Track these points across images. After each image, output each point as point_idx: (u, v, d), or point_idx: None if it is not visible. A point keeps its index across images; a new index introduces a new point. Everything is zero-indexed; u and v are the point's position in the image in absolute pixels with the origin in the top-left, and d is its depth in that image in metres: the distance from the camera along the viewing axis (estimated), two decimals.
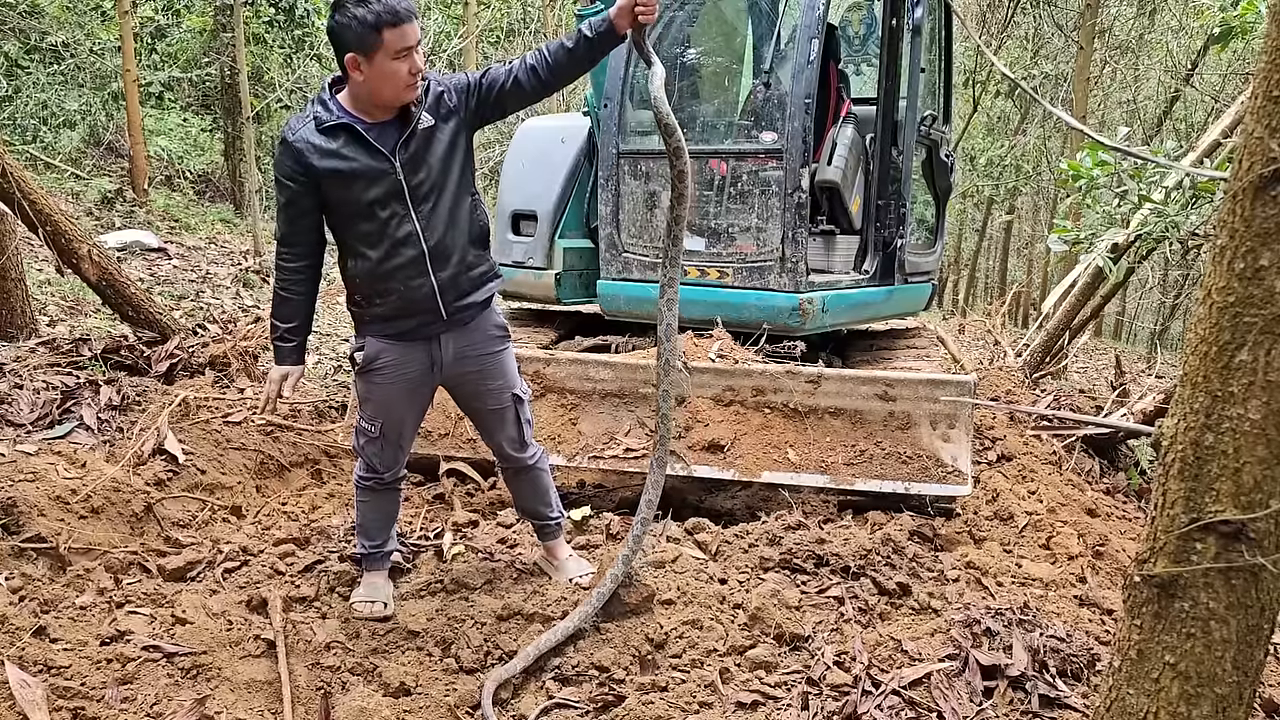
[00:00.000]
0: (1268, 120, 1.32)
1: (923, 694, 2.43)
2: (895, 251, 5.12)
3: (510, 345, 3.00)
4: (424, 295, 2.73)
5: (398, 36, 2.46)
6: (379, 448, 2.92)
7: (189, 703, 2.33)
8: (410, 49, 2.49)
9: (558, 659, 2.65)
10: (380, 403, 2.86)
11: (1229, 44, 4.27)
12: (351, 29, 2.45)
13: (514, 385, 2.99)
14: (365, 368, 2.82)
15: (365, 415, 2.90)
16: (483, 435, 3.10)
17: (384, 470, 2.97)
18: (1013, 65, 15.58)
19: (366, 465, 2.97)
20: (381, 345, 2.80)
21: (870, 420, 3.77)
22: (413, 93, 2.57)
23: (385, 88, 2.54)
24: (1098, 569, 3.46)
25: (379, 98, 2.57)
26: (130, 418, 4.10)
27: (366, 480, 2.99)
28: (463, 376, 2.91)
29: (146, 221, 9.88)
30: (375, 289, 2.73)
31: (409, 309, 2.75)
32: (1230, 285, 1.37)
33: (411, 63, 2.51)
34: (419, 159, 2.66)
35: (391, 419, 2.89)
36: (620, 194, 4.79)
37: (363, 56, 2.48)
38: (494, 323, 2.92)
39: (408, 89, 2.55)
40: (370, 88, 2.55)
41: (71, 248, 4.82)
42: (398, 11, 2.44)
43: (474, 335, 2.87)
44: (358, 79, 2.54)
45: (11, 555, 2.95)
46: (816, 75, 4.38)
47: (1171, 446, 1.47)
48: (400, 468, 3.03)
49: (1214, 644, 1.46)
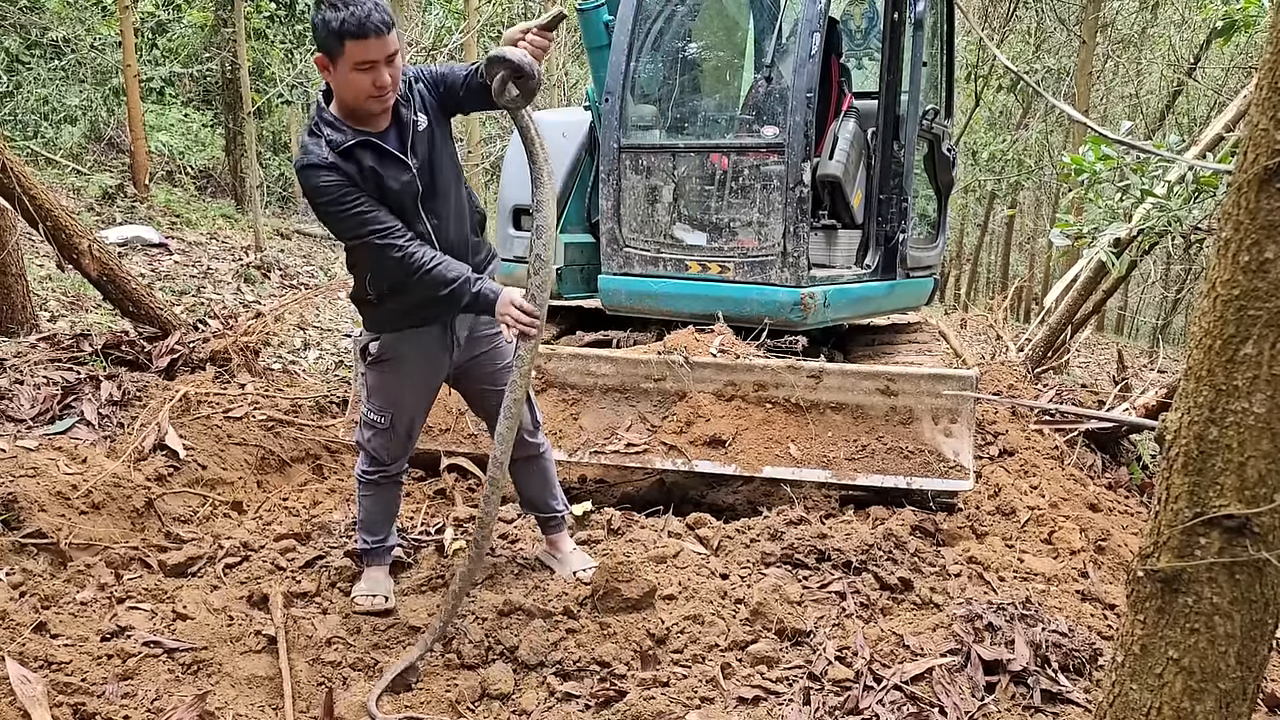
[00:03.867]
0: (1273, 112, 1.31)
1: (924, 689, 2.42)
2: (897, 246, 5.11)
3: None
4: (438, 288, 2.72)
5: (360, 49, 2.41)
6: (387, 439, 2.93)
7: (190, 698, 2.33)
8: (374, 63, 2.44)
9: (559, 654, 2.64)
10: (391, 393, 2.87)
11: (1231, 37, 4.25)
12: (319, 31, 2.44)
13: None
14: (379, 358, 2.82)
15: (374, 407, 2.90)
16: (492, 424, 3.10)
17: (390, 463, 2.98)
18: (1015, 60, 15.54)
19: (371, 459, 2.98)
20: (395, 336, 2.80)
21: (872, 415, 3.77)
22: (376, 104, 2.53)
23: (346, 94, 2.51)
24: (1100, 564, 3.45)
25: (343, 104, 2.56)
26: (131, 413, 4.10)
27: (370, 474, 3.00)
28: (475, 360, 2.93)
29: (147, 217, 9.87)
30: (389, 286, 2.72)
31: (425, 305, 2.74)
32: (1235, 278, 1.36)
33: (376, 75, 2.46)
34: (427, 159, 2.67)
35: (403, 409, 2.90)
36: (621, 189, 4.78)
37: (329, 59, 2.47)
38: None
39: (370, 99, 2.51)
40: (337, 91, 2.54)
41: (72, 243, 4.82)
42: (364, 24, 2.37)
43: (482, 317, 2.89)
44: (327, 78, 2.54)
45: (12, 551, 2.95)
46: (818, 69, 4.37)
47: (1175, 441, 1.46)
48: (404, 462, 3.05)
49: (1218, 639, 1.45)
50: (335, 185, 2.55)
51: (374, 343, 2.82)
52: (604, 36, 4.86)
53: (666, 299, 4.70)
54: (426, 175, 2.66)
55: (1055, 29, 15.72)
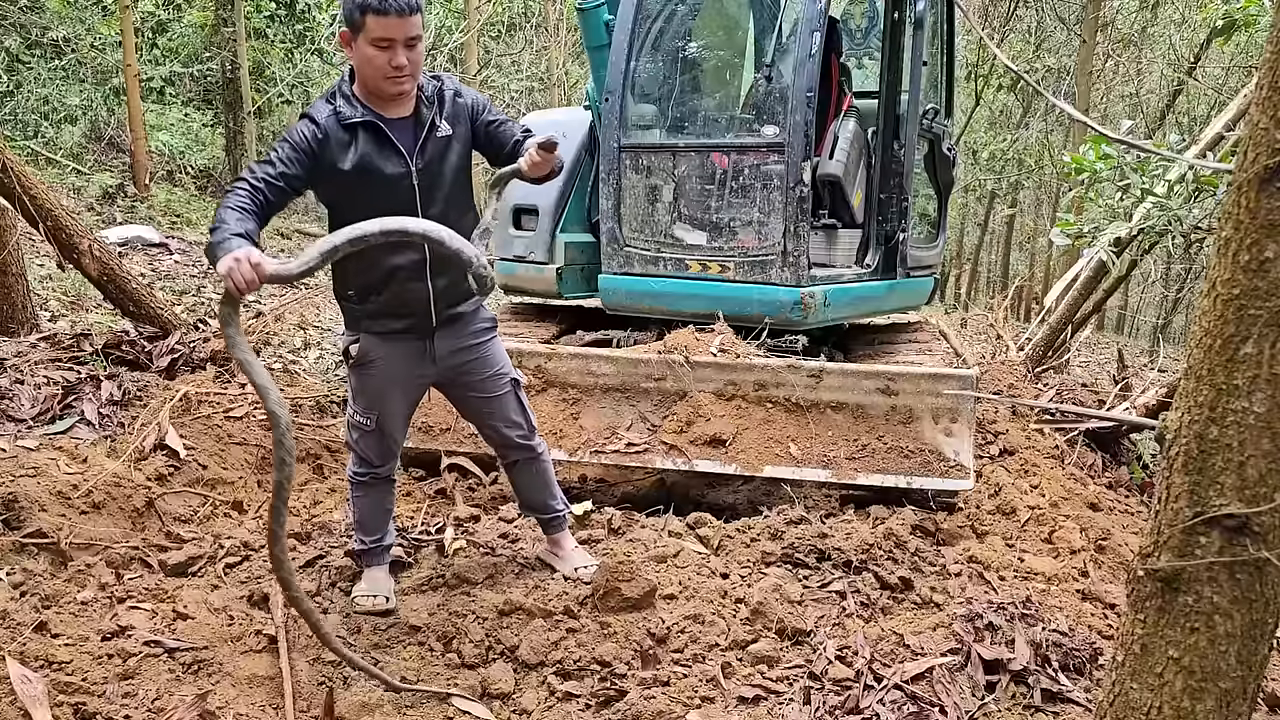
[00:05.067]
0: (1273, 111, 1.31)
1: (925, 688, 2.42)
2: (897, 245, 5.11)
3: (498, 335, 3.02)
4: (418, 299, 2.74)
5: (380, 25, 2.44)
6: (374, 441, 2.93)
7: (190, 698, 2.33)
8: (392, 41, 2.46)
9: (559, 654, 2.64)
10: (374, 396, 2.87)
11: (1232, 37, 4.26)
12: (345, 3, 2.47)
13: (510, 371, 3.02)
14: (359, 361, 2.82)
15: (359, 409, 2.90)
16: (485, 431, 3.10)
17: (379, 464, 2.97)
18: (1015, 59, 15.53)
19: (360, 459, 2.98)
20: (373, 340, 2.80)
21: (872, 415, 3.77)
22: (392, 86, 2.55)
23: (365, 70, 2.54)
24: (1100, 563, 3.45)
25: (362, 81, 2.59)
26: (131, 413, 4.10)
27: (361, 475, 3.00)
28: (459, 369, 2.92)
29: (148, 217, 9.86)
30: (371, 285, 2.73)
31: (401, 310, 2.75)
32: (1235, 278, 1.36)
33: (392, 55, 2.48)
34: (433, 165, 2.67)
35: (385, 412, 2.89)
36: (622, 188, 4.77)
37: (351, 33, 2.50)
38: (481, 317, 2.94)
39: (387, 80, 2.53)
40: (356, 67, 2.57)
41: (72, 243, 4.82)
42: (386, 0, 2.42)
43: (464, 331, 2.89)
44: (348, 54, 2.56)
45: (13, 550, 2.95)
46: (818, 69, 4.36)
47: (1175, 440, 1.46)
48: (394, 462, 3.03)
49: (1218, 638, 1.45)
50: (300, 139, 2.53)
51: (354, 345, 2.82)
52: (604, 36, 4.85)
53: (667, 298, 4.70)
54: (426, 179, 2.66)
55: (1055, 28, 15.73)
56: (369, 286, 2.73)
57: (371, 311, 2.77)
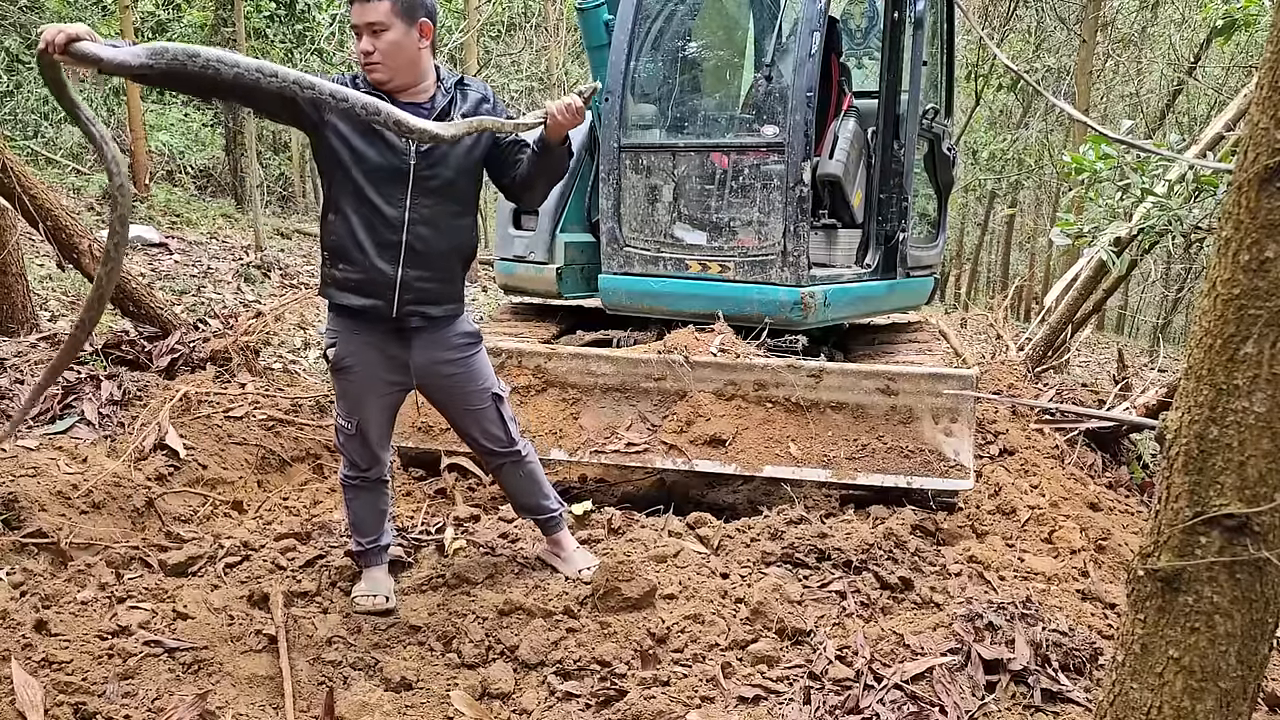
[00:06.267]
0: (1273, 111, 1.31)
1: (925, 688, 2.42)
2: (897, 245, 5.11)
3: (482, 348, 3.00)
4: (383, 280, 2.70)
5: (352, 11, 2.57)
6: (357, 445, 2.93)
7: (190, 698, 2.33)
8: (358, 28, 2.55)
9: (559, 654, 2.64)
10: (354, 401, 2.86)
11: (1232, 36, 4.26)
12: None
13: (492, 385, 3.00)
14: (336, 364, 2.82)
15: (342, 412, 2.91)
16: (464, 439, 3.10)
17: (365, 467, 2.96)
18: (1015, 59, 15.54)
19: (350, 463, 2.98)
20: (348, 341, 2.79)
21: (872, 414, 3.77)
22: (368, 73, 2.61)
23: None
24: (1100, 563, 3.45)
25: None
26: (131, 413, 4.10)
27: (351, 479, 2.99)
28: (439, 382, 2.92)
29: (148, 217, 9.87)
30: (344, 250, 2.71)
31: (364, 287, 2.72)
32: (1235, 277, 1.36)
33: (363, 42, 2.55)
34: (436, 156, 2.67)
35: (364, 418, 2.88)
36: (622, 188, 4.77)
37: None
38: (462, 330, 2.92)
39: (364, 68, 2.61)
40: None
41: (72, 243, 4.82)
42: None
43: (444, 345, 2.88)
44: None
45: (13, 550, 2.95)
46: (818, 69, 4.36)
47: (1175, 440, 1.46)
48: (381, 466, 3.02)
49: (1218, 638, 1.45)
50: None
51: (331, 349, 2.82)
52: (604, 36, 4.85)
53: (667, 298, 4.70)
54: (425, 168, 2.66)
55: (1055, 28, 15.73)
56: (343, 251, 2.70)
57: (338, 280, 2.74)
